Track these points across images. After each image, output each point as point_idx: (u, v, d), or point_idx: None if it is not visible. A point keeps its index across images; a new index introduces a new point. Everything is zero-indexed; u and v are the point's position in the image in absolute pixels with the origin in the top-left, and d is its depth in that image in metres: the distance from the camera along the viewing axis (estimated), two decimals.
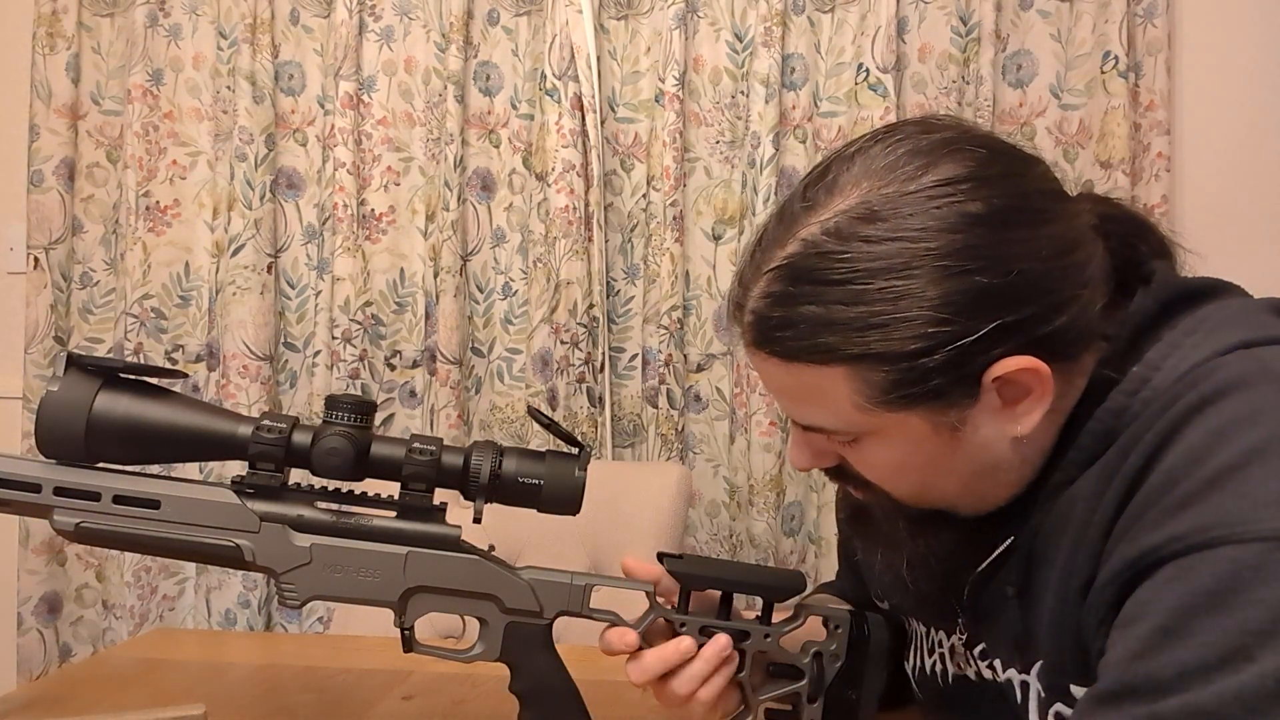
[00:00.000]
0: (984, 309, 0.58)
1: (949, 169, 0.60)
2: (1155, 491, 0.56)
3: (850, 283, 0.59)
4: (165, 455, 0.70)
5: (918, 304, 0.58)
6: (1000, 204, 0.60)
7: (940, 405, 0.61)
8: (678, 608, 0.75)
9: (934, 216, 0.59)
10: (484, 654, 0.74)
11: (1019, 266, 0.59)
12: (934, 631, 0.78)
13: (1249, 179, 1.88)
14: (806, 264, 0.61)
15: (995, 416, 0.62)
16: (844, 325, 0.59)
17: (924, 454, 0.63)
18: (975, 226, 0.59)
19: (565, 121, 1.89)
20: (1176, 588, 0.53)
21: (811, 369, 0.62)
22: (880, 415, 0.62)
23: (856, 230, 0.60)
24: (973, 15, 1.85)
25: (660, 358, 1.90)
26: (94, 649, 2.00)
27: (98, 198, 2.01)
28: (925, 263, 0.58)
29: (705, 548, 1.94)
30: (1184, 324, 0.63)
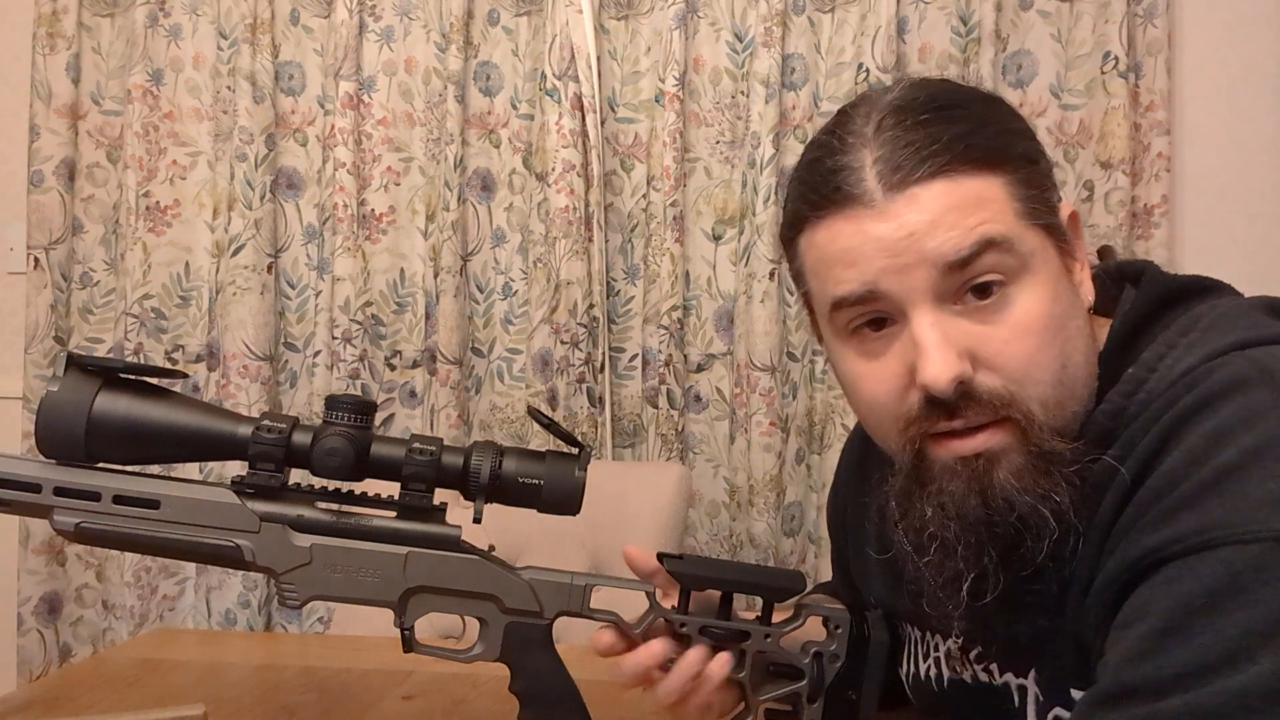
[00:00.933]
0: (1040, 148, 0.67)
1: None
2: (1154, 494, 0.56)
3: (959, 106, 0.64)
4: (165, 455, 0.70)
5: (1014, 120, 0.66)
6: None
7: (1057, 235, 0.64)
8: (678, 608, 0.75)
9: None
10: (484, 654, 0.74)
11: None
12: (930, 635, 0.78)
13: (1249, 179, 1.88)
14: (913, 102, 0.64)
15: (1072, 275, 0.66)
16: (979, 132, 0.63)
17: (1061, 301, 0.63)
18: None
19: (565, 121, 1.89)
20: (1176, 589, 0.53)
21: (972, 176, 0.61)
22: (1033, 233, 0.62)
23: (930, 82, 0.67)
24: (973, 15, 1.85)
25: (660, 358, 1.90)
26: (94, 649, 1.99)
27: (98, 198, 2.01)
28: (997, 101, 0.68)
29: (705, 548, 1.94)
30: (1179, 324, 0.63)
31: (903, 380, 0.63)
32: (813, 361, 1.91)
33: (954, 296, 0.62)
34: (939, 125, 0.62)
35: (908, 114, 0.63)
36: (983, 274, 0.61)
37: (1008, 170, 0.62)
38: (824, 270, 0.66)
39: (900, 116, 0.63)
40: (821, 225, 0.65)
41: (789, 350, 1.91)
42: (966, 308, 0.62)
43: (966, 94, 0.66)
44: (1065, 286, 0.64)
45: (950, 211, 0.61)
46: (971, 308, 0.61)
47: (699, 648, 0.73)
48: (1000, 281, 0.61)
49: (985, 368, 0.61)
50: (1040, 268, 0.62)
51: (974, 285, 0.61)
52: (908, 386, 0.63)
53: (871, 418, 0.68)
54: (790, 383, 1.91)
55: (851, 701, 0.76)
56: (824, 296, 0.67)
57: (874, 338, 0.65)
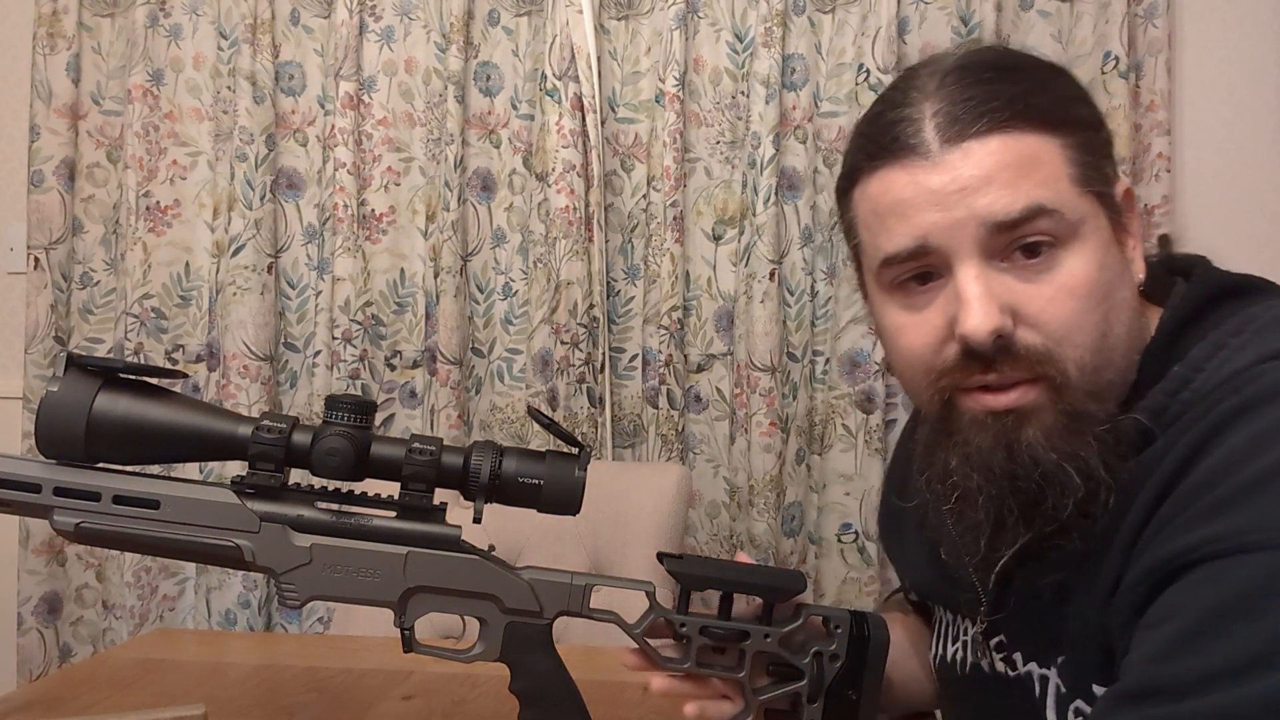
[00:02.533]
0: (1101, 119, 0.67)
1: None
2: (1191, 494, 0.56)
3: (1021, 69, 0.65)
4: (165, 455, 0.70)
5: (1075, 88, 0.67)
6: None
7: (1110, 201, 0.64)
8: (677, 608, 0.75)
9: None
10: (484, 654, 0.74)
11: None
12: (960, 619, 0.78)
13: (1249, 179, 1.88)
14: (976, 61, 0.66)
15: (1124, 248, 0.66)
16: (1041, 93, 0.63)
17: (1109, 269, 0.63)
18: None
19: (565, 122, 1.89)
20: (1207, 590, 0.52)
21: (1029, 135, 0.62)
22: (1085, 200, 0.63)
23: (995, 47, 0.71)
24: (973, 15, 1.85)
25: (660, 358, 1.90)
26: (94, 649, 2.00)
27: (98, 198, 2.01)
28: (1060, 69, 0.68)
29: (705, 548, 1.94)
30: (1229, 324, 0.62)
31: (942, 333, 0.64)
32: (813, 362, 1.91)
33: (1001, 253, 0.62)
34: (1001, 84, 0.63)
35: (970, 72, 0.64)
36: (1031, 235, 0.62)
37: (1066, 133, 0.63)
38: (875, 223, 0.66)
39: (963, 74, 0.64)
40: (876, 176, 0.66)
41: (789, 350, 1.91)
42: (1013, 265, 0.62)
43: (1030, 59, 0.67)
44: (1114, 256, 0.64)
45: (1004, 169, 0.61)
46: (1018, 265, 0.62)
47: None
48: (1049, 243, 0.62)
49: (1026, 325, 0.62)
50: (1090, 234, 0.63)
51: (1023, 245, 0.62)
52: (946, 339, 0.64)
53: (907, 370, 0.68)
54: (790, 383, 1.91)
55: (851, 701, 0.76)
56: (874, 251, 0.67)
57: (919, 291, 0.66)
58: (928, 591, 0.83)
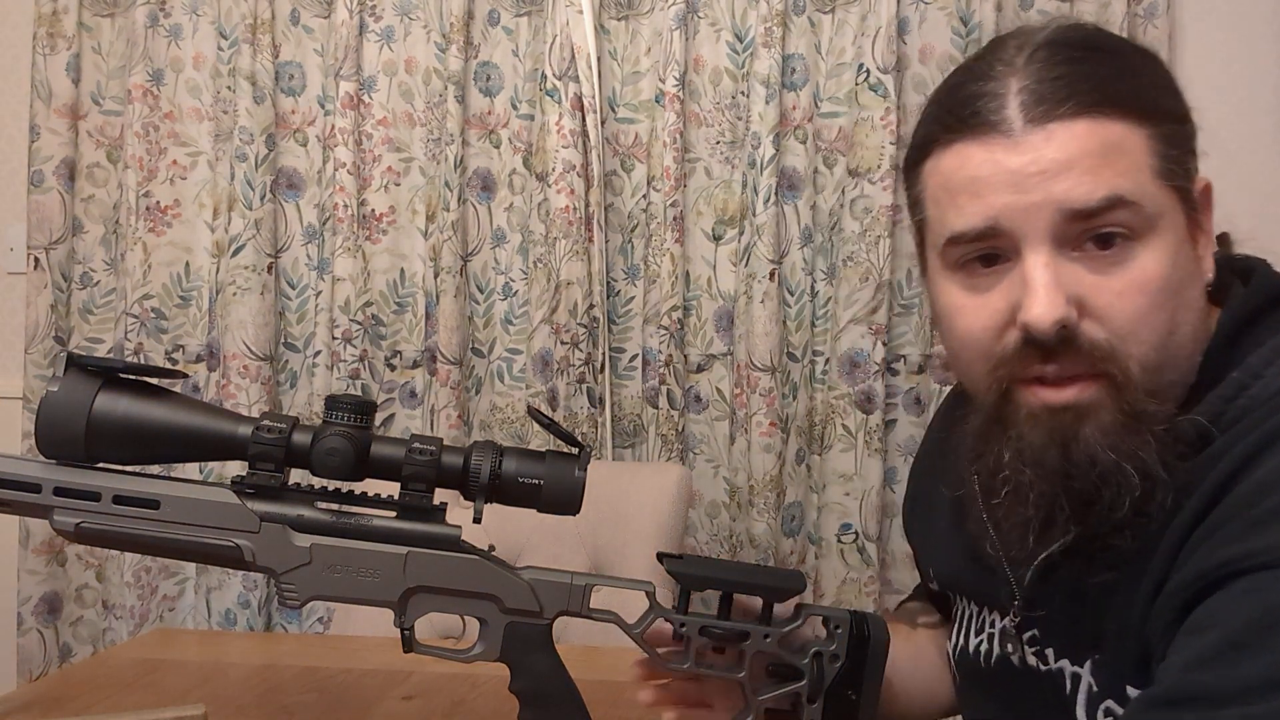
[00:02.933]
0: (1187, 113, 0.65)
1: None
2: (1240, 504, 0.55)
3: (1114, 51, 0.63)
4: (165, 455, 0.70)
5: (1167, 80, 0.65)
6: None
7: (1188, 198, 0.63)
8: (677, 608, 0.75)
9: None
10: (484, 654, 0.74)
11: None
12: (987, 611, 0.77)
13: (1249, 179, 1.88)
14: (1067, 39, 0.63)
15: (1196, 246, 0.64)
16: (1131, 79, 0.62)
17: (1181, 267, 0.61)
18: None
19: (565, 122, 1.89)
20: (1250, 602, 0.52)
21: (1116, 121, 0.60)
22: (1166, 194, 0.61)
23: (1085, 25, 0.66)
24: (973, 16, 1.85)
25: (660, 358, 1.90)
26: (94, 649, 1.99)
27: (98, 198, 2.01)
28: (1152, 55, 0.66)
29: (705, 548, 1.94)
30: None
31: (1004, 318, 0.63)
32: (813, 362, 1.91)
33: (1073, 242, 0.61)
34: (1092, 64, 0.61)
35: (1061, 49, 0.62)
36: (1106, 226, 0.60)
37: (1153, 123, 0.61)
38: (946, 199, 0.65)
39: (1053, 50, 0.62)
40: (952, 149, 0.64)
41: (789, 350, 1.91)
42: (1085, 255, 0.61)
43: (1123, 41, 0.66)
44: (1188, 254, 0.62)
45: (1087, 155, 0.60)
46: (1090, 255, 0.60)
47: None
48: (1124, 235, 0.60)
49: (1092, 318, 0.60)
50: (1167, 230, 0.61)
51: (1096, 235, 0.60)
52: (1007, 325, 0.62)
53: (965, 353, 0.67)
54: (790, 383, 1.91)
55: (851, 701, 0.76)
56: (941, 227, 0.65)
57: (983, 273, 0.64)
58: (953, 582, 0.82)
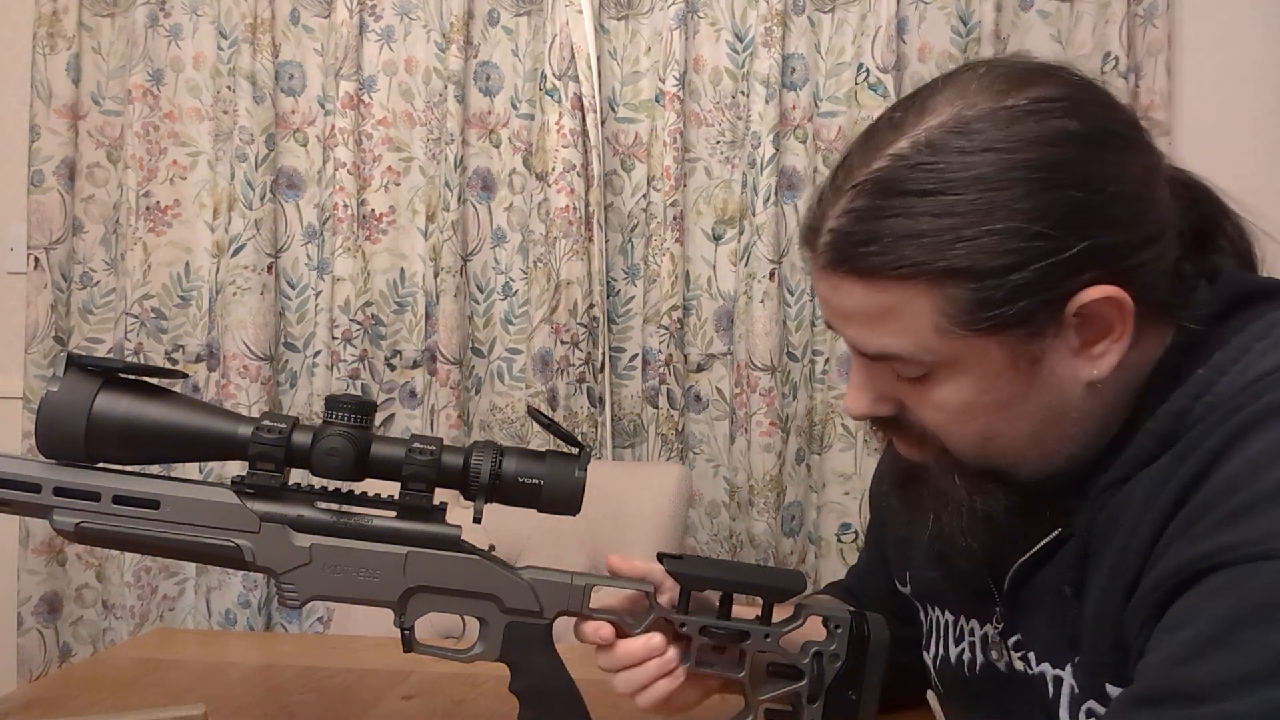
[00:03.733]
0: (1076, 226, 0.57)
1: (1046, 89, 0.60)
2: (1211, 499, 0.55)
3: (941, 194, 0.58)
4: (165, 455, 0.70)
5: (1010, 216, 0.57)
6: (1096, 125, 0.60)
7: (1022, 334, 0.59)
8: (678, 608, 0.75)
9: (1031, 130, 0.58)
10: (484, 654, 0.74)
11: (1112, 188, 0.58)
12: (965, 619, 0.78)
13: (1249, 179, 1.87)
14: (895, 176, 0.60)
15: (1073, 356, 0.61)
16: (932, 237, 0.58)
17: (997, 392, 0.61)
18: (1071, 142, 0.58)
19: (565, 121, 1.89)
20: (1225, 597, 0.52)
21: (894, 286, 0.60)
22: (961, 341, 0.60)
23: (949, 142, 0.59)
24: (973, 15, 1.85)
25: (660, 358, 1.90)
26: (94, 649, 1.99)
27: (98, 198, 2.01)
28: (1020, 174, 0.57)
29: (705, 548, 1.94)
30: (1254, 328, 0.61)
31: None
32: (812, 361, 1.91)
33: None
34: (902, 217, 0.59)
35: (878, 196, 0.60)
36: (894, 367, 0.64)
37: (952, 284, 0.58)
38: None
39: (876, 193, 0.60)
40: (807, 258, 0.68)
41: (789, 350, 1.91)
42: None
43: (986, 167, 0.58)
44: (1015, 378, 0.61)
45: (861, 313, 0.63)
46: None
47: (643, 638, 0.74)
48: (917, 373, 0.63)
49: (908, 411, 0.66)
50: (969, 368, 0.61)
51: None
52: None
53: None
54: (790, 383, 1.91)
55: (851, 701, 0.76)
56: None
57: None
58: (928, 591, 0.83)
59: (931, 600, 0.82)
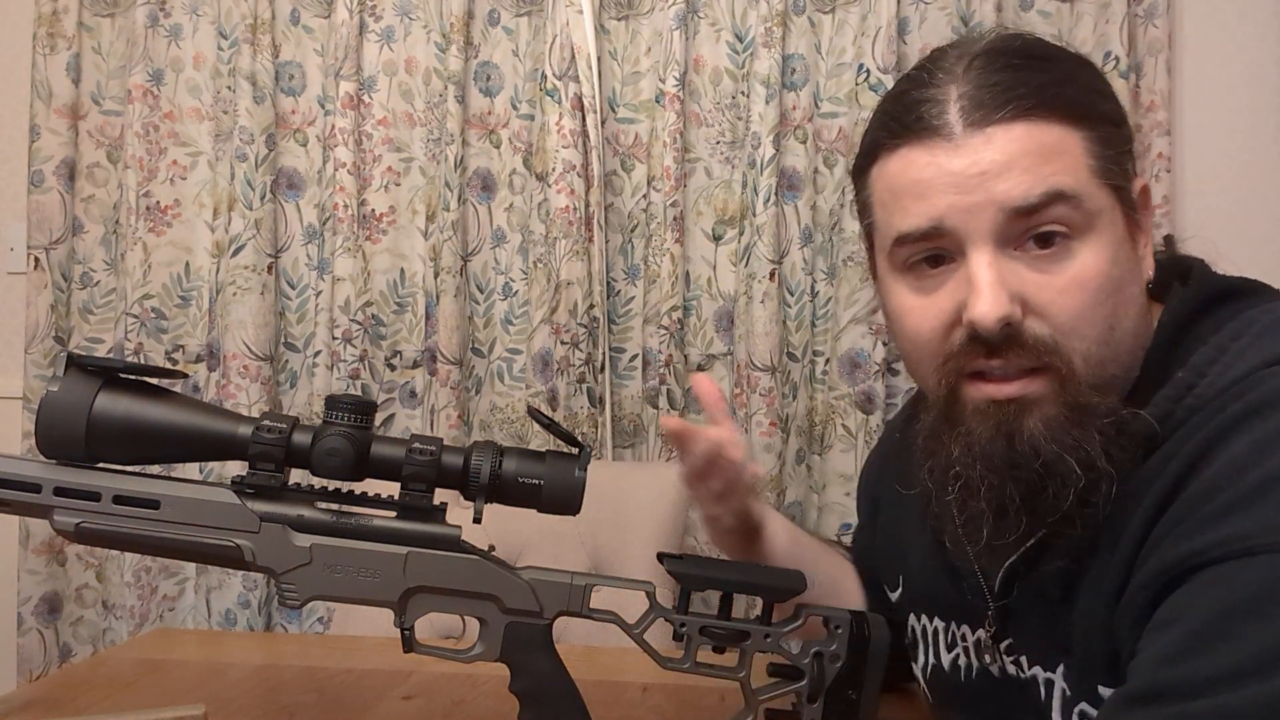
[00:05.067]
0: (1125, 117, 0.67)
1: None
2: (1196, 498, 0.56)
3: (1054, 59, 0.65)
4: (165, 455, 0.70)
5: (1104, 86, 0.66)
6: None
7: (1128, 201, 0.65)
8: (678, 607, 0.75)
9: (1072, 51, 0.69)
10: (484, 654, 0.74)
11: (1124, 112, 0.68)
12: (956, 625, 0.78)
13: (1249, 179, 1.88)
14: (1007, 47, 0.65)
15: (1136, 245, 0.66)
16: (1071, 85, 0.64)
17: (1121, 264, 0.63)
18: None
19: (566, 122, 1.89)
20: (1214, 593, 0.53)
21: (1055, 124, 0.62)
22: (1103, 192, 0.63)
23: (1040, 40, 0.67)
24: (973, 16, 1.85)
25: (660, 358, 1.90)
26: (94, 649, 1.99)
27: (98, 198, 2.01)
28: (1087, 62, 0.67)
29: (705, 548, 1.93)
30: (1230, 328, 0.62)
31: (950, 317, 0.65)
32: (813, 362, 1.91)
33: (1016, 242, 0.63)
34: (1028, 71, 0.63)
35: (999, 57, 0.64)
36: (1047, 224, 0.62)
37: (1089, 126, 0.63)
38: (892, 201, 0.67)
39: (991, 59, 0.64)
40: (897, 154, 0.66)
41: (789, 350, 1.91)
42: (1027, 254, 0.63)
43: (1059, 50, 0.67)
44: (1127, 252, 0.65)
45: (1025, 155, 0.62)
46: (1032, 255, 0.63)
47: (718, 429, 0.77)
48: (1064, 234, 0.62)
49: (1035, 315, 0.62)
50: (1106, 228, 0.63)
51: (1037, 234, 0.62)
52: (954, 324, 0.64)
53: (914, 352, 0.69)
54: (790, 383, 1.91)
55: (851, 701, 0.76)
56: (888, 229, 0.68)
57: (930, 274, 0.66)
58: (919, 595, 0.82)
59: (923, 606, 0.82)
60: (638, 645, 0.75)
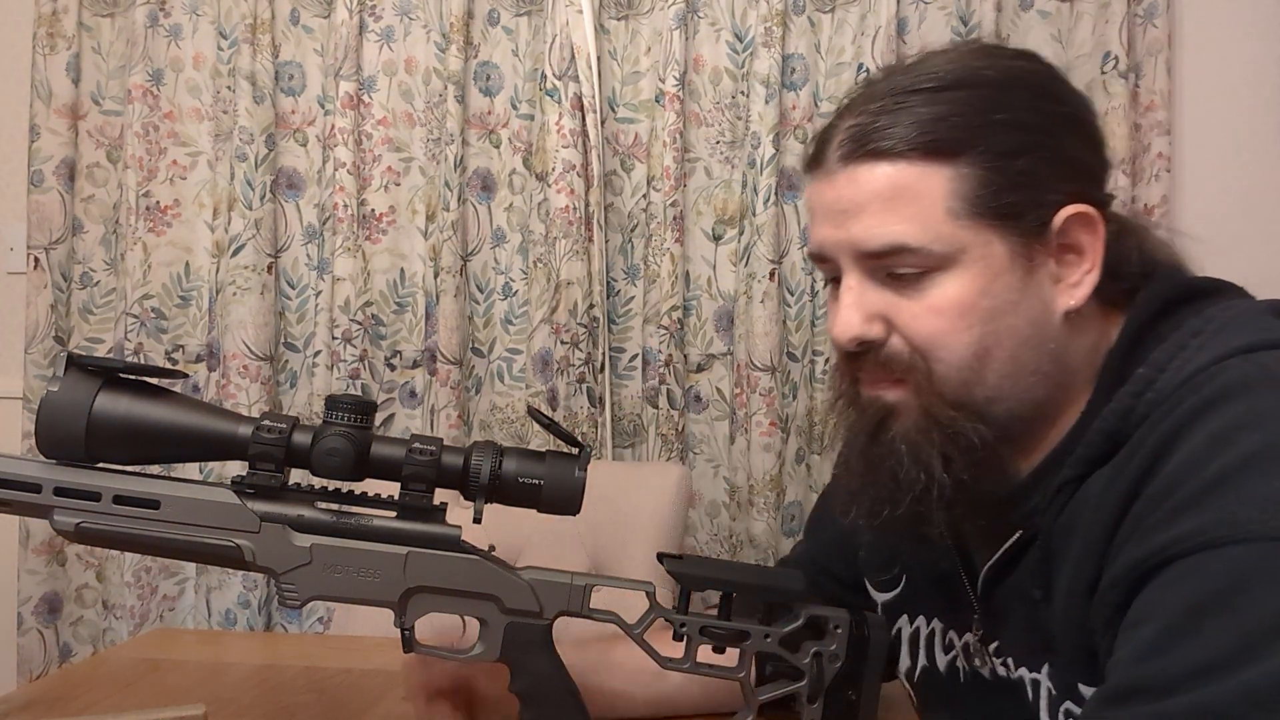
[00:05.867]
0: (1062, 132, 0.66)
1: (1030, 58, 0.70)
2: (1159, 494, 0.57)
3: (954, 89, 0.65)
4: (165, 455, 0.70)
5: (1013, 110, 0.65)
6: (1068, 85, 0.69)
7: (1020, 232, 0.64)
8: (678, 608, 0.75)
9: (1023, 60, 0.69)
10: (484, 654, 0.74)
11: (1086, 116, 0.68)
12: (948, 628, 0.78)
13: (1249, 179, 1.88)
14: (908, 82, 0.66)
15: (1053, 284, 0.66)
16: (948, 120, 0.64)
17: (994, 296, 0.64)
18: (1056, 76, 0.69)
19: (565, 122, 1.89)
20: (1183, 588, 0.53)
21: (914, 164, 0.64)
22: (969, 230, 0.64)
23: (956, 56, 0.68)
24: (973, 16, 1.85)
25: (660, 358, 1.90)
26: (94, 649, 1.99)
27: (98, 198, 2.01)
28: (1019, 81, 0.66)
29: (705, 548, 1.94)
30: (1189, 325, 0.63)
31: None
32: (813, 361, 1.91)
33: (878, 270, 0.67)
34: (917, 107, 0.64)
35: (893, 95, 0.66)
36: (895, 267, 0.65)
37: (962, 163, 0.64)
38: (810, 226, 0.73)
39: (891, 93, 0.66)
40: (808, 182, 0.72)
41: (789, 350, 1.91)
42: (892, 279, 0.66)
43: (978, 76, 0.66)
44: (1011, 284, 0.65)
45: (877, 199, 0.65)
46: (895, 280, 0.66)
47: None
48: (915, 272, 0.65)
49: (898, 334, 0.66)
50: (973, 263, 0.64)
51: (889, 271, 0.66)
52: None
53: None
54: (790, 383, 1.91)
55: (851, 701, 0.76)
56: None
57: (835, 291, 0.71)
58: (910, 596, 0.83)
59: (916, 609, 0.82)
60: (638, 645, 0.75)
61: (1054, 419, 0.68)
